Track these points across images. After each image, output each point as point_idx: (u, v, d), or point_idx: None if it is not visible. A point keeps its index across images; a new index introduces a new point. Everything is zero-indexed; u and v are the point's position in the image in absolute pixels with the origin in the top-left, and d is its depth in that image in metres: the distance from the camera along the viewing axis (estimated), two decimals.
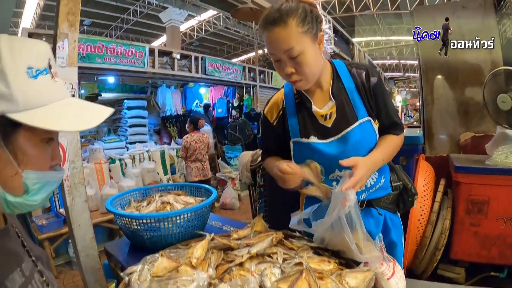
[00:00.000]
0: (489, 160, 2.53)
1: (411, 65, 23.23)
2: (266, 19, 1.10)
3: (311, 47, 1.11)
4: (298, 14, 1.08)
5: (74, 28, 1.66)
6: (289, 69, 1.12)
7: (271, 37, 1.10)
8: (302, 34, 1.08)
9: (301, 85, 1.17)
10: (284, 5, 1.09)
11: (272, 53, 1.14)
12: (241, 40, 18.51)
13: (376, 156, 1.18)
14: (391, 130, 1.28)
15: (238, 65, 8.52)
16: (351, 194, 0.99)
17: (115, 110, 7.02)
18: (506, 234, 2.35)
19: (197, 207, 1.31)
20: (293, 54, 1.09)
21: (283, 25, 1.07)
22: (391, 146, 1.25)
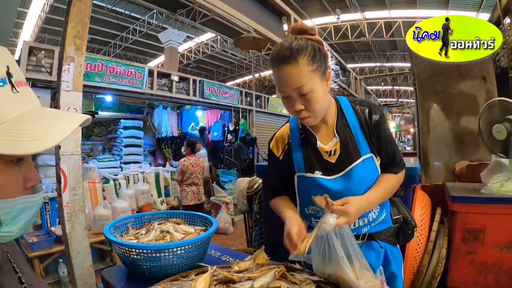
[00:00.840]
0: (485, 189, 2.54)
1: (404, 91, 23.68)
2: (276, 56, 1.12)
3: (320, 85, 1.14)
4: (308, 52, 1.10)
5: (80, 52, 1.66)
6: (298, 106, 1.13)
7: (281, 75, 1.12)
8: (312, 72, 1.11)
9: (309, 121, 1.19)
10: (295, 43, 1.11)
11: (281, 90, 1.15)
12: (237, 63, 18.81)
13: (372, 196, 1.19)
14: (390, 168, 1.28)
15: (235, 90, 8.61)
16: (330, 217, 1.01)
17: (111, 129, 7.07)
18: (502, 261, 2.36)
19: (199, 238, 1.29)
20: (304, 91, 1.10)
21: (294, 63, 1.09)
22: (388, 186, 1.26)
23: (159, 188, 5.97)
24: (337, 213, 1.04)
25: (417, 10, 11.65)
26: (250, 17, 3.08)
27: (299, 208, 1.32)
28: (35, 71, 4.46)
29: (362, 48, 16.72)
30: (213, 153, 8.56)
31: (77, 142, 1.65)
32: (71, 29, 1.62)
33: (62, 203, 1.66)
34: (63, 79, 1.62)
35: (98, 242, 3.91)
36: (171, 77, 6.64)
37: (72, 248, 1.71)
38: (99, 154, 6.78)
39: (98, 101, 6.73)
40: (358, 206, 1.10)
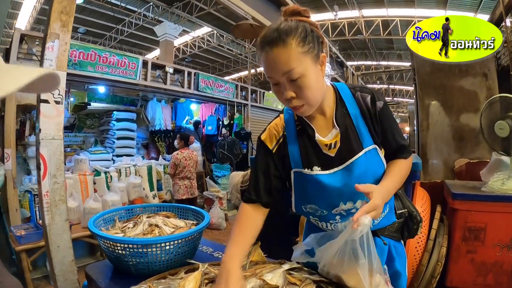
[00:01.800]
0: (485, 187, 2.53)
1: (400, 90, 23.77)
2: (263, 39, 1.01)
3: (313, 69, 1.02)
4: (298, 34, 0.99)
5: (66, 30, 1.53)
6: (289, 93, 1.02)
7: (269, 59, 1.00)
8: (303, 54, 0.99)
9: (303, 111, 1.06)
10: (283, 24, 1.00)
11: (270, 76, 1.04)
12: (233, 58, 18.73)
13: (389, 184, 1.09)
14: (399, 154, 1.19)
15: (230, 83, 8.53)
16: (364, 218, 0.89)
17: (104, 121, 6.95)
18: (502, 261, 2.35)
19: (189, 232, 1.18)
20: (293, 76, 0.99)
21: (282, 45, 0.98)
22: (402, 171, 1.16)
23: (151, 181, 5.88)
24: (370, 211, 0.92)
25: (415, 9, 11.63)
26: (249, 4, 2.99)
27: (294, 205, 1.22)
28: (26, 59, 4.35)
29: (359, 46, 16.70)
30: (207, 147, 8.48)
31: (59, 126, 1.53)
32: (58, 4, 1.49)
33: (42, 192, 1.53)
34: (46, 57, 1.49)
35: (88, 236, 3.82)
36: (165, 68, 6.54)
37: (51, 241, 1.60)
38: (91, 146, 6.69)
39: (91, 92, 6.60)
40: (383, 196, 0.99)
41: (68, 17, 1.51)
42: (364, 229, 0.89)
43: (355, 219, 0.89)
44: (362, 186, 0.96)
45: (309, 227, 1.33)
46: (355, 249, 0.92)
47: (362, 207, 0.92)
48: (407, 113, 19.32)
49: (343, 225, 1.15)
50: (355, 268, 0.92)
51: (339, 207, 1.13)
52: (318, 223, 1.23)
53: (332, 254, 0.97)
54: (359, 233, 0.89)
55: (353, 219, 0.90)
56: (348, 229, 0.92)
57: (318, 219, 1.21)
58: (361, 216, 0.90)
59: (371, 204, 0.93)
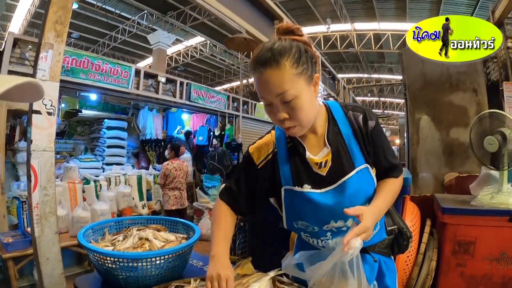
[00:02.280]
0: (475, 201, 2.54)
1: (390, 103, 24.08)
2: (257, 59, 1.01)
3: (306, 90, 1.02)
4: (292, 54, 0.99)
5: (61, 40, 1.51)
6: (281, 115, 1.02)
7: (262, 79, 1.00)
8: (297, 76, 0.99)
9: (295, 131, 1.07)
10: (277, 44, 1.00)
11: (263, 97, 1.03)
12: (225, 69, 18.82)
13: (381, 204, 1.09)
14: (390, 173, 1.20)
15: (222, 94, 8.55)
16: (355, 241, 0.90)
17: (94, 129, 6.89)
18: (492, 274, 2.36)
19: (179, 247, 1.17)
20: (287, 98, 0.99)
21: (276, 66, 0.97)
22: (392, 191, 1.17)
23: (141, 191, 5.81)
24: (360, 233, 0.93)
25: (407, 23, 11.83)
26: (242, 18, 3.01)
27: (285, 222, 1.22)
28: (19, 64, 4.31)
29: (351, 59, 16.93)
30: (198, 157, 8.45)
31: (50, 137, 1.51)
32: (52, 14, 1.48)
33: (32, 204, 1.51)
34: (39, 67, 1.47)
35: (75, 245, 3.74)
36: (158, 78, 6.55)
37: (41, 253, 1.56)
38: (81, 153, 6.60)
39: (82, 99, 6.56)
40: (373, 218, 0.99)
41: (63, 27, 1.50)
42: (354, 252, 0.89)
43: (345, 242, 0.89)
44: (351, 209, 0.96)
45: (300, 243, 1.33)
46: (345, 270, 0.92)
47: (353, 229, 0.92)
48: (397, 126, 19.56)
49: (334, 242, 1.15)
50: None
51: (329, 224, 1.13)
52: (309, 240, 1.23)
53: (321, 274, 0.97)
54: (350, 256, 0.89)
55: (344, 242, 0.90)
56: (338, 251, 0.92)
57: (309, 236, 1.21)
58: (351, 238, 0.90)
59: (361, 226, 0.93)
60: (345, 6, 11.40)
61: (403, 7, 10.84)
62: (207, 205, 5.77)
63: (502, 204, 2.41)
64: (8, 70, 4.11)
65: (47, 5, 1.52)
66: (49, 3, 1.49)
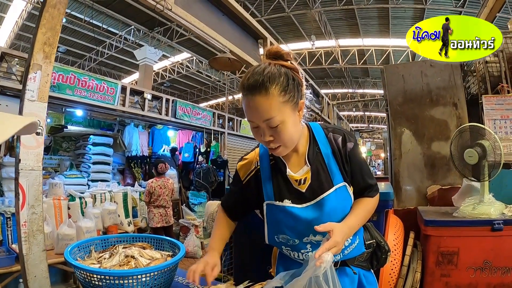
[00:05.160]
0: (457, 212, 2.60)
1: (375, 117, 24.48)
2: (247, 84, 1.05)
3: (291, 116, 1.08)
4: (280, 82, 1.04)
5: (49, 61, 1.54)
6: (267, 137, 1.08)
7: (250, 104, 1.05)
8: (283, 104, 1.05)
9: (279, 151, 1.13)
10: (267, 71, 1.05)
11: (250, 120, 1.09)
12: (211, 85, 18.94)
13: (352, 220, 1.15)
14: (366, 193, 1.26)
15: (208, 111, 8.60)
16: (327, 255, 0.95)
17: (80, 144, 6.81)
18: (476, 283, 2.40)
19: (165, 265, 1.19)
20: (273, 124, 1.05)
21: (264, 93, 1.02)
22: (366, 209, 1.23)
23: (126, 208, 5.73)
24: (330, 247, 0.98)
25: (390, 39, 12.17)
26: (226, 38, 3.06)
27: (267, 236, 1.27)
28: (5, 78, 4.28)
29: (335, 74, 17.23)
30: (184, 174, 8.42)
31: (38, 157, 1.52)
32: (41, 35, 1.51)
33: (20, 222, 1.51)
34: (28, 88, 1.49)
35: (61, 262, 3.67)
36: (144, 95, 6.56)
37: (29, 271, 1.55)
38: (66, 169, 6.49)
39: (68, 115, 6.51)
40: (343, 233, 1.05)
41: (51, 49, 1.52)
42: (327, 265, 0.94)
43: (317, 256, 0.94)
44: (321, 226, 1.02)
45: (281, 257, 1.37)
46: (320, 284, 0.95)
47: (323, 245, 0.98)
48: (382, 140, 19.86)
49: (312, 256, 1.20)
50: None
51: (309, 237, 1.18)
52: (290, 253, 1.27)
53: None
54: (323, 269, 0.93)
55: (315, 256, 0.94)
56: (311, 266, 0.95)
57: (290, 249, 1.25)
58: (322, 253, 0.95)
59: (331, 241, 0.99)
60: (330, 23, 11.68)
61: (386, 24, 11.16)
62: (193, 222, 5.72)
63: (483, 214, 2.47)
64: None
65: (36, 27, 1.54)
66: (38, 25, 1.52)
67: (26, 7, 10.27)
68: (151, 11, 9.82)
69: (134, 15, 10.82)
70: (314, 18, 10.76)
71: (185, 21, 2.50)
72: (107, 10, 10.47)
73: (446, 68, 3.62)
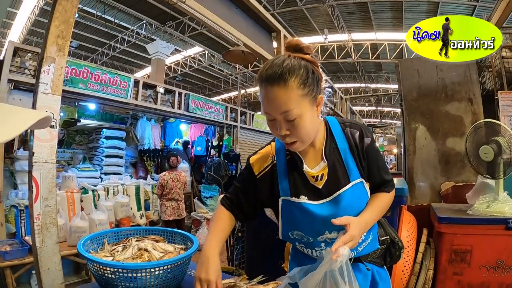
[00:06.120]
0: (471, 210, 2.57)
1: (388, 112, 24.18)
2: (265, 75, 1.03)
3: (309, 111, 1.05)
4: (300, 75, 1.01)
5: (62, 54, 1.54)
6: (283, 131, 1.05)
7: (268, 96, 1.03)
8: (302, 97, 1.02)
9: (296, 147, 1.10)
10: (286, 63, 1.02)
11: (267, 112, 1.06)
12: (224, 79, 18.91)
13: (368, 215, 1.13)
14: (382, 188, 1.24)
15: (220, 105, 8.58)
16: (343, 249, 0.93)
17: (93, 138, 6.90)
18: (489, 282, 2.37)
19: (178, 258, 1.19)
20: (290, 117, 1.02)
21: (283, 85, 1.00)
22: (382, 204, 1.20)
23: (139, 201, 5.80)
24: (347, 242, 0.96)
25: (403, 33, 11.92)
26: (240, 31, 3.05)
27: (281, 232, 1.24)
28: (19, 73, 4.32)
29: (348, 69, 17.05)
30: (196, 168, 8.43)
31: (52, 149, 1.53)
32: (55, 28, 1.51)
33: (33, 214, 1.52)
34: (41, 81, 1.50)
35: (73, 254, 3.73)
36: (156, 88, 6.57)
37: (42, 263, 1.56)
38: (79, 163, 6.57)
39: (81, 109, 6.57)
40: (360, 228, 1.03)
41: (65, 41, 1.53)
42: (343, 260, 0.92)
43: (333, 249, 0.92)
44: (338, 219, 1.00)
45: (295, 253, 1.36)
46: (336, 279, 0.94)
47: (340, 238, 0.96)
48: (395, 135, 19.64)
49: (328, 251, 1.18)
50: None
51: (324, 235, 1.16)
52: (304, 250, 1.25)
53: (314, 285, 0.98)
54: (339, 263, 0.91)
55: (332, 250, 0.93)
56: (327, 260, 0.94)
57: (304, 246, 1.23)
58: (339, 247, 0.93)
59: (347, 235, 0.97)
60: (342, 17, 11.52)
61: (400, 17, 10.96)
62: (205, 215, 5.76)
63: (498, 212, 2.43)
64: (8, 79, 4.13)
65: (49, 20, 1.55)
66: (51, 18, 1.52)
67: (38, 2, 10.35)
68: (164, 5, 9.96)
69: (146, 9, 10.85)
70: (327, 11, 10.62)
71: (199, 14, 2.49)
72: (119, 4, 10.53)
73: (461, 63, 3.54)
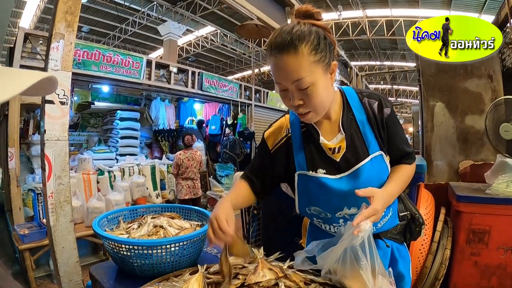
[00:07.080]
0: (490, 189, 2.50)
1: (403, 91, 23.69)
2: (274, 43, 0.97)
3: (323, 78, 1.00)
4: (311, 41, 0.96)
5: (71, 29, 1.52)
6: (296, 101, 1.00)
7: (278, 65, 0.97)
8: (314, 64, 0.96)
9: (309, 117, 1.05)
10: (296, 29, 0.96)
11: (278, 82, 1.01)
12: (237, 58, 18.72)
13: (392, 187, 1.08)
14: (403, 160, 1.18)
15: (234, 83, 8.52)
16: (365, 224, 0.89)
17: (107, 120, 6.97)
18: (506, 264, 2.33)
19: (194, 234, 1.18)
20: (303, 86, 0.97)
21: (293, 52, 0.94)
22: (405, 176, 1.15)
23: (154, 181, 5.88)
24: (369, 216, 0.91)
25: (419, 9, 11.55)
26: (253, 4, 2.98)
27: (298, 208, 1.21)
28: (30, 58, 4.36)
29: (363, 46, 16.65)
30: (211, 146, 8.47)
31: (64, 127, 1.52)
32: (62, 4, 1.48)
33: (46, 193, 1.53)
34: (51, 57, 1.48)
35: (90, 235, 3.83)
36: (169, 68, 6.55)
37: (56, 242, 1.58)
38: (94, 145, 6.68)
39: (94, 91, 6.63)
40: (384, 201, 0.98)
41: (73, 17, 1.50)
42: (365, 235, 0.89)
43: (355, 224, 0.89)
44: (362, 190, 0.96)
45: (312, 229, 1.33)
46: (356, 253, 0.91)
47: (362, 212, 0.92)
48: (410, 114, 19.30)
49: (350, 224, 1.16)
50: (358, 271, 0.91)
51: (343, 211, 1.13)
52: (321, 225, 1.23)
53: (333, 260, 0.96)
54: (360, 239, 0.89)
55: (353, 224, 0.89)
56: (348, 235, 0.91)
57: (321, 221, 1.20)
58: (361, 221, 0.89)
59: (371, 209, 0.92)
60: None
61: None
62: (220, 194, 5.81)
63: None
64: (20, 65, 4.16)
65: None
66: None
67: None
68: None
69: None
70: None
71: None
72: None
73: None
